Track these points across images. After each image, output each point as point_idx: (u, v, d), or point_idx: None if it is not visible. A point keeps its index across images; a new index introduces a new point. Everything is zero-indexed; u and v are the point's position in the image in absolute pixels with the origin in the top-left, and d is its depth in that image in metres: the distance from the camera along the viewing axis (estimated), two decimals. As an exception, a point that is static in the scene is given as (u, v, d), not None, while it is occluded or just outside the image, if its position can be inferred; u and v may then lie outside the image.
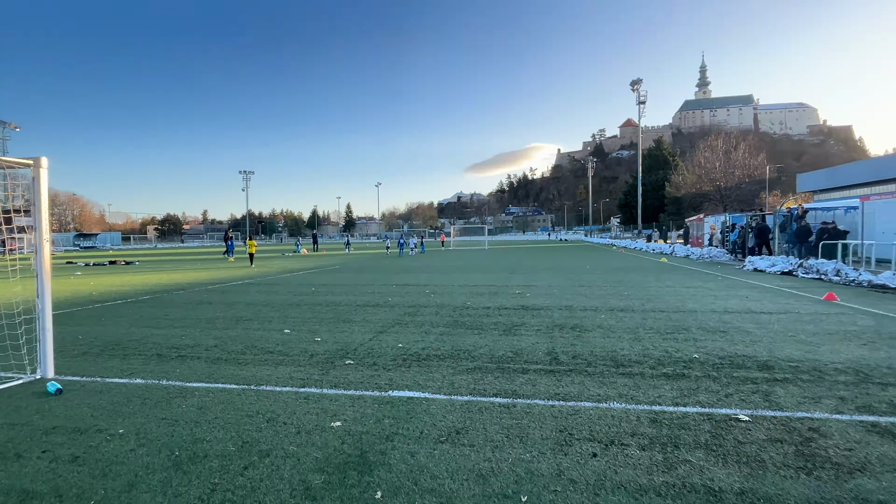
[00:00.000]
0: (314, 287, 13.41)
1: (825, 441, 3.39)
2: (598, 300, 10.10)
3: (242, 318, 8.49)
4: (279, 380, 4.82)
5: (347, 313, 8.82)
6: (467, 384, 4.60)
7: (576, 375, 4.83)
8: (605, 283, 13.57)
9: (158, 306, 10.10)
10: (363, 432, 3.57)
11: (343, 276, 16.96)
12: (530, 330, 7.06)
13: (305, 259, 30.86)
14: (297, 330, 7.32)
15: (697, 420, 3.72)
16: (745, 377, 4.73)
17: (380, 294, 11.59)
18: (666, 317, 8.04)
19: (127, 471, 3.10)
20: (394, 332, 7.07)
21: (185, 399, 4.31)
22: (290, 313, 8.92)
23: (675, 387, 4.46)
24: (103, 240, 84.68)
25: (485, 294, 11.34)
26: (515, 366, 5.19)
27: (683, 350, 5.78)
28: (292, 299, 10.89)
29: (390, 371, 5.06)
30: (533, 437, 3.48)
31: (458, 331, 7.07)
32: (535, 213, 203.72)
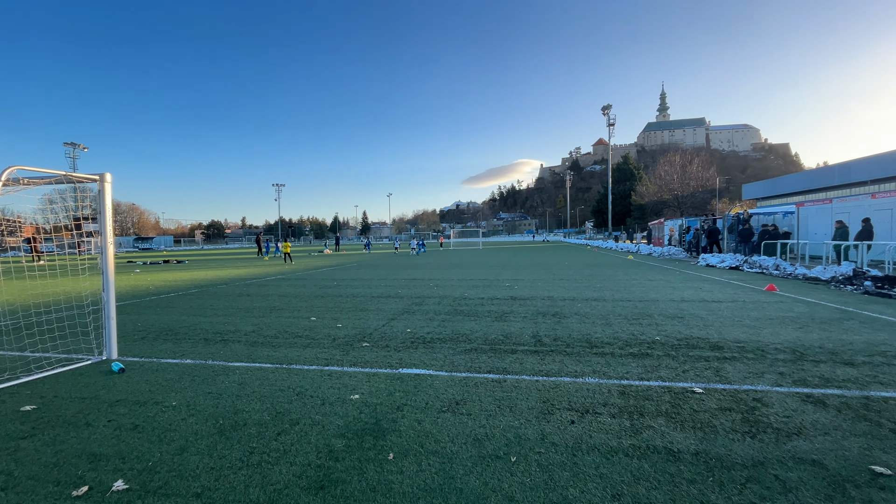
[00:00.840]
0: (336, 281, 13.40)
1: (767, 410, 3.39)
2: (575, 291, 10.09)
3: (275, 307, 8.49)
4: (307, 360, 4.82)
5: (364, 303, 8.82)
6: (465, 363, 4.60)
7: (556, 355, 4.83)
8: (580, 276, 13.56)
9: (204, 298, 10.11)
10: (377, 403, 3.58)
11: (360, 272, 16.95)
12: (518, 317, 7.06)
13: (329, 258, 30.86)
14: (321, 318, 7.32)
15: (659, 392, 3.72)
16: (699, 356, 4.73)
17: (391, 287, 11.59)
18: (632, 305, 8.03)
19: (179, 437, 3.11)
20: (403, 319, 7.07)
21: (227, 376, 4.32)
22: (316, 304, 8.92)
23: (640, 364, 4.45)
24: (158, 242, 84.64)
25: (479, 286, 11.33)
26: (505, 347, 5.19)
27: (647, 333, 5.77)
28: (317, 292, 10.89)
29: (400, 352, 5.06)
30: (520, 407, 3.48)
31: (457, 318, 7.07)
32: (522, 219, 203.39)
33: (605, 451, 2.82)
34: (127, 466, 2.77)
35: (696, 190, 56.99)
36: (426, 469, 2.67)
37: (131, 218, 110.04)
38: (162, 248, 76.27)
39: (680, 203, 56.72)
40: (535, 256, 27.70)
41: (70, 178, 4.76)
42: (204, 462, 2.79)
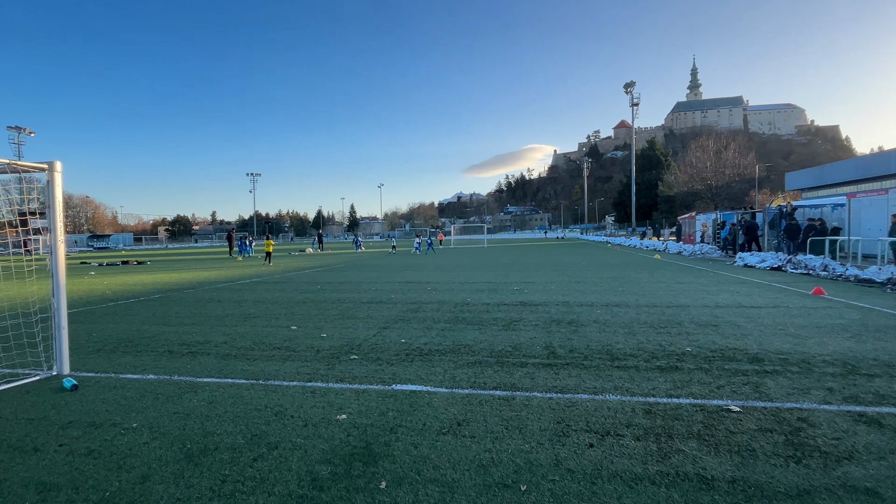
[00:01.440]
0: (319, 285, 13.41)
1: (814, 431, 3.39)
2: (594, 296, 10.09)
3: (250, 315, 8.49)
4: (286, 374, 4.83)
5: (352, 310, 8.82)
6: (468, 378, 4.60)
7: (572, 369, 4.83)
8: (600, 279, 13.57)
9: (169, 304, 10.11)
10: (368, 425, 3.58)
11: (347, 275, 16.96)
12: (528, 325, 7.06)
13: (311, 258, 30.87)
14: (303, 326, 7.32)
15: (690, 411, 3.72)
16: (735, 369, 4.73)
17: (383, 291, 11.60)
18: (659, 311, 8.03)
19: (141, 463, 3.11)
20: (397, 327, 7.08)
21: (195, 394, 4.32)
22: (297, 310, 8.93)
23: (668, 379, 4.46)
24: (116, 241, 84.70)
25: (484, 290, 11.34)
26: (514, 360, 5.19)
27: (676, 343, 5.78)
28: (298, 297, 10.89)
29: (394, 365, 5.06)
30: (531, 428, 3.48)
31: (459, 326, 7.08)
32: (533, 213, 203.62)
33: (628, 479, 2.82)
34: (81, 497, 2.77)
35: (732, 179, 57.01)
36: (423, 500, 2.67)
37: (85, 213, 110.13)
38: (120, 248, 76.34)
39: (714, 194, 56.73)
40: (547, 256, 27.70)
41: (14, 166, 4.75)
42: (169, 492, 2.79)
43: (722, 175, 56.47)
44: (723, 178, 56.50)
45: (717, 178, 56.52)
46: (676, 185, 62.25)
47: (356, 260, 27.05)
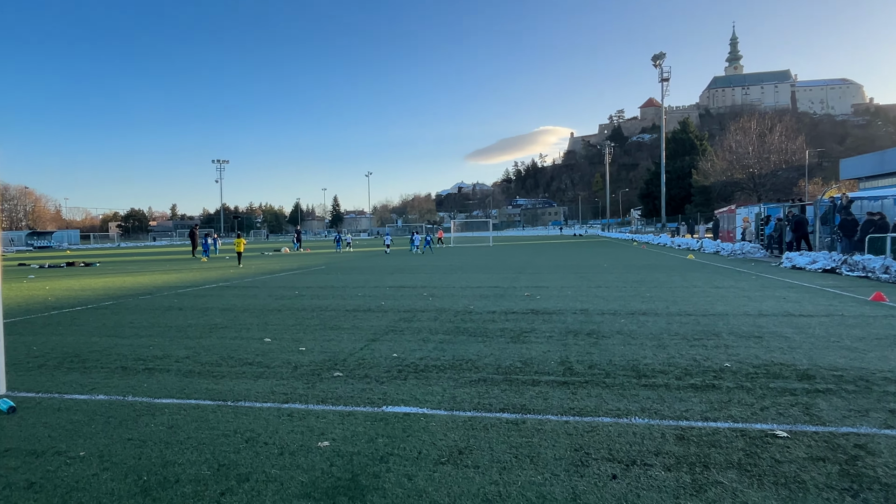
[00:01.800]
0: (297, 290, 13.42)
1: (873, 459, 3.39)
2: (617, 303, 10.10)
3: (217, 325, 8.49)
4: (259, 394, 4.83)
5: (335, 319, 8.82)
6: (471, 398, 4.60)
7: (592, 387, 4.84)
8: (624, 283, 13.58)
9: (123, 313, 10.10)
10: (354, 453, 3.58)
11: (330, 278, 16.96)
12: (541, 337, 7.07)
13: (288, 259, 30.87)
14: (278, 338, 7.33)
15: (729, 436, 3.73)
16: (782, 388, 4.74)
17: (371, 297, 11.60)
18: (693, 321, 8.05)
19: (89, 498, 3.11)
20: (388, 340, 7.08)
21: (153, 417, 4.32)
22: (271, 320, 8.93)
23: (703, 399, 4.46)
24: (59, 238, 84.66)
25: (489, 297, 11.35)
26: (525, 377, 5.20)
27: (713, 358, 5.79)
28: (273, 304, 10.90)
29: (384, 384, 5.07)
30: (545, 457, 3.48)
31: (460, 338, 7.08)
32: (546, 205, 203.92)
33: (657, 516, 2.82)
34: (20, 538, 2.77)
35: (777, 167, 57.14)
36: (419, 540, 2.67)
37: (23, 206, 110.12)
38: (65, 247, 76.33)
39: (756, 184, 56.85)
40: (563, 256, 27.74)
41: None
42: (122, 532, 2.79)
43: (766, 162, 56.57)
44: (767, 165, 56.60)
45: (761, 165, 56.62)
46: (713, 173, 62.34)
47: (340, 261, 27.06)
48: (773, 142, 56.66)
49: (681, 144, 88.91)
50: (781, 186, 57.76)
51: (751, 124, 59.55)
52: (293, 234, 51.61)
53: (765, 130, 58.18)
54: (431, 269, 19.86)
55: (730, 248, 25.93)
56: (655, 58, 57.83)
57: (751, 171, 57.10)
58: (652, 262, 22.09)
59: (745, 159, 57.29)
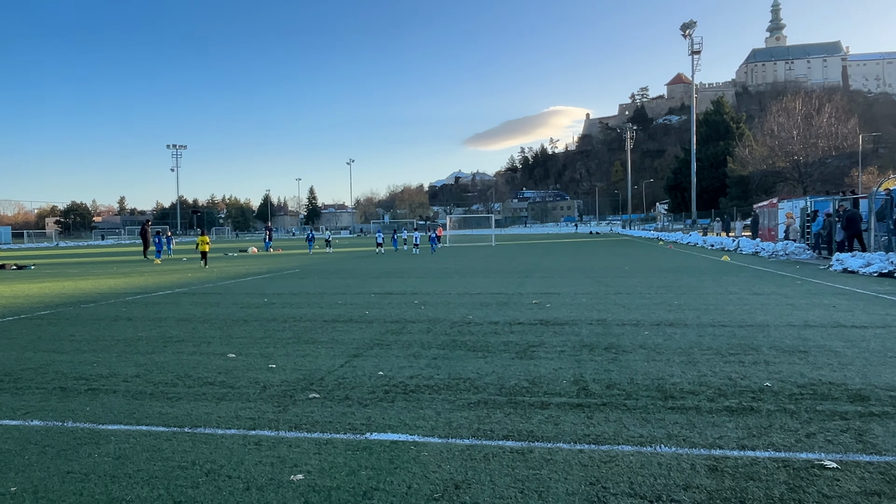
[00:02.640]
0: (267, 297, 13.39)
1: (936, 494, 3.41)
2: (641, 312, 10.12)
3: (173, 338, 8.47)
4: (221, 419, 4.81)
5: (311, 331, 8.81)
6: (469, 423, 4.60)
7: (611, 411, 4.84)
8: (648, 289, 13.61)
9: (62, 324, 10.05)
10: (332, 488, 3.57)
11: (305, 283, 16.93)
12: (551, 351, 7.08)
13: (255, 260, 30.81)
14: (244, 354, 7.31)
15: (770, 468, 3.74)
16: (831, 411, 4.75)
17: (354, 306, 11.59)
18: (728, 333, 8.07)
19: (21, 542, 3.09)
20: (372, 355, 7.07)
21: (97, 446, 4.29)
22: (236, 332, 8.91)
23: (740, 424, 4.48)
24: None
25: (491, 305, 11.35)
26: (532, 398, 5.20)
27: (751, 376, 5.80)
28: (238, 313, 10.87)
29: (368, 407, 5.06)
30: (556, 492, 3.48)
31: (457, 353, 7.08)
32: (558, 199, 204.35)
33: (686, 560, 2.83)
34: (-61, 589, 2.75)
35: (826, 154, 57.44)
36: (409, 590, 2.67)
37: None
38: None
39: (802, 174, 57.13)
40: (577, 257, 27.78)
41: None
42: (60, 581, 2.77)
43: (813, 148, 56.81)
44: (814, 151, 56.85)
45: (807, 151, 56.86)
46: (752, 161, 62.61)
47: (316, 263, 27.01)
48: (821, 124, 56.90)
49: (714, 128, 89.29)
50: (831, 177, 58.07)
51: (795, 104, 59.81)
52: (263, 232, 51.48)
53: (811, 111, 58.41)
54: (423, 273, 19.85)
55: (771, 248, 26.04)
56: (685, 27, 58.06)
57: (795, 158, 57.31)
58: (680, 264, 22.12)
59: (789, 145, 57.49)
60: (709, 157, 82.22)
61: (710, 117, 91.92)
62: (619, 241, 51.61)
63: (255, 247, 44.54)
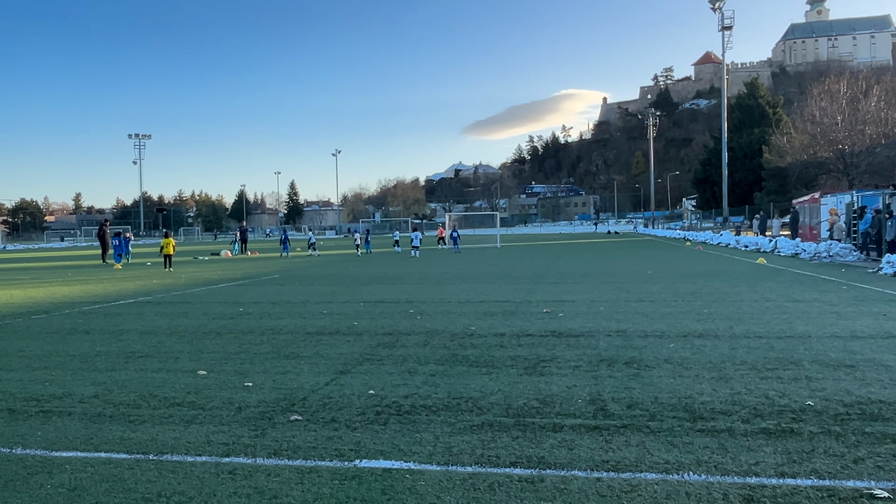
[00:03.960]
0: (242, 307, 13.38)
1: None
2: (665, 322, 10.12)
3: (136, 353, 8.46)
4: (191, 445, 4.80)
5: (292, 345, 8.80)
6: (472, 449, 4.59)
7: (633, 433, 4.83)
8: (675, 296, 13.61)
9: (10, 338, 10.04)
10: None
11: (285, 291, 16.91)
12: (565, 367, 7.08)
13: (229, 265, 30.79)
14: (217, 371, 7.30)
15: (813, 497, 3.73)
16: (882, 433, 4.75)
17: (341, 316, 11.58)
18: (765, 345, 8.07)
19: (-37, 584, 3.08)
20: (362, 372, 7.07)
21: (50, 476, 4.28)
22: (207, 346, 8.90)
23: (779, 449, 4.47)
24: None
25: (497, 314, 11.35)
26: (543, 420, 5.20)
27: (791, 394, 5.80)
28: (210, 325, 10.86)
29: (357, 431, 5.05)
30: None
31: (458, 369, 7.08)
32: (571, 194, 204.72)
33: None
34: None
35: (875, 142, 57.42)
36: None
37: None
38: (-68, 250, 75.69)
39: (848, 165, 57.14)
40: (594, 260, 27.78)
41: None
42: None
43: (860, 136, 56.82)
44: (861, 139, 56.85)
45: (853, 139, 56.88)
46: (790, 150, 62.68)
47: (298, 268, 26.99)
48: (869, 109, 56.92)
49: (748, 113, 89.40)
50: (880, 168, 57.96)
51: (839, 86, 59.86)
52: (236, 233, 51.40)
53: (858, 94, 58.45)
54: (420, 279, 19.84)
55: (813, 248, 26.05)
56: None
57: (840, 147, 57.31)
58: (711, 267, 22.12)
59: (833, 132, 57.46)
60: (742, 146, 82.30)
61: (743, 101, 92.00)
62: (641, 242, 51.64)
63: (227, 250, 44.54)
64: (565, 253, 36.00)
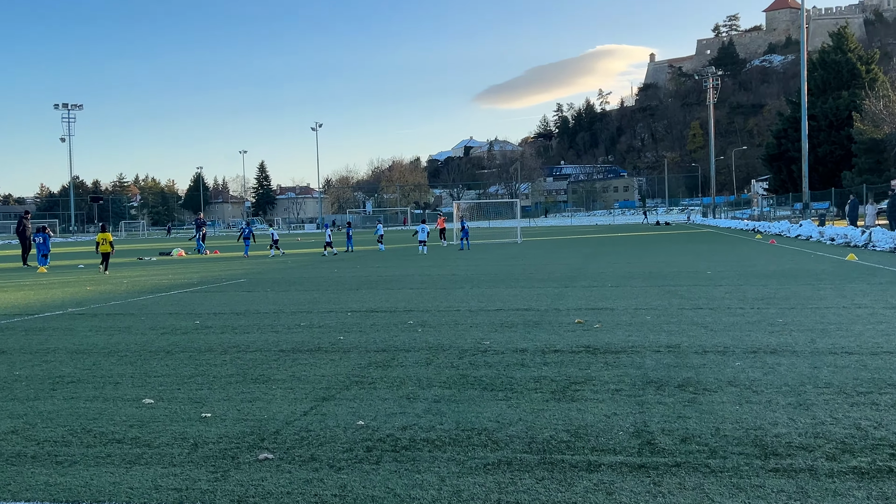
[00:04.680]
0: (199, 319, 13.41)
1: None
2: (730, 334, 10.09)
3: (65, 378, 8.48)
4: (134, 492, 4.81)
5: (262, 366, 8.82)
6: (486, 493, 4.60)
7: (688, 474, 4.82)
8: (741, 302, 13.56)
9: None
10: (292, 586, 3.57)
11: (254, 298, 16.93)
12: (602, 390, 7.07)
13: (183, 267, 30.84)
14: (167, 398, 7.31)
15: (917, 553, 3.72)
16: None
17: (323, 329, 11.60)
18: (856, 363, 8.04)
19: None
20: (349, 398, 7.07)
21: (-42, 530, 4.30)
22: (155, 368, 8.92)
23: (874, 492, 4.45)
24: None
25: (517, 325, 11.35)
26: (575, 457, 5.19)
27: (890, 424, 5.77)
28: (159, 342, 10.89)
29: (342, 472, 5.06)
30: (609, 589, 3.47)
31: (469, 393, 7.07)
32: (610, 176, 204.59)
33: None
34: None
35: None
36: None
37: None
38: None
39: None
40: (638, 258, 27.70)
41: None
42: None
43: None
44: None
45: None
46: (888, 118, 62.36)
47: (269, 269, 27.02)
48: None
49: (834, 71, 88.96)
50: None
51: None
52: (194, 226, 51.47)
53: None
54: (421, 282, 19.82)
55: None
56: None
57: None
58: (786, 266, 22.03)
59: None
60: (826, 113, 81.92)
61: (829, 57, 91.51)
62: (699, 235, 51.52)
63: (181, 249, 44.63)
64: (603, 249, 35.95)
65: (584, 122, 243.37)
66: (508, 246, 42.56)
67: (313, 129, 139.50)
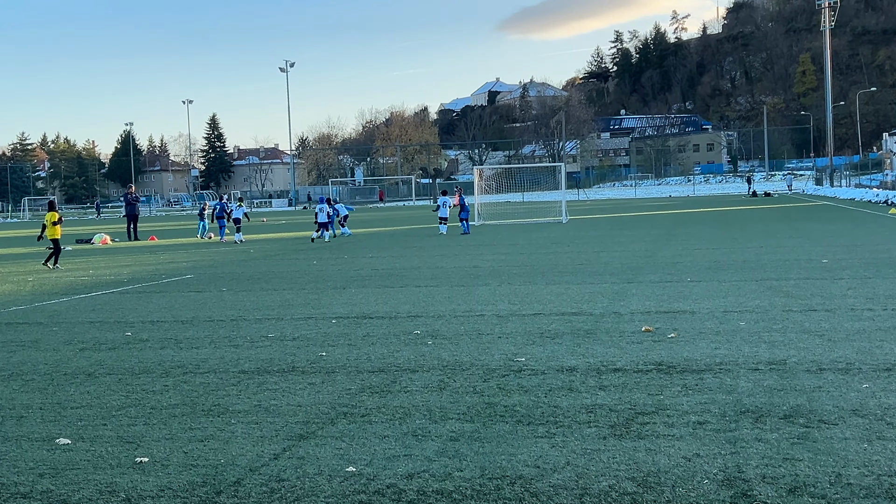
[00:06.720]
0: (132, 329, 13.46)
1: None
2: (854, 345, 10.06)
3: (-47, 409, 8.53)
4: (47, 563, 4.84)
5: (216, 392, 8.86)
6: (522, 564, 4.60)
7: (800, 538, 4.82)
8: (869, 301, 13.51)
9: None
10: None
11: (205, 300, 16.98)
12: (680, 423, 7.06)
13: (109, 258, 30.96)
14: (88, 437, 7.34)
15: None
16: None
17: (300, 342, 11.63)
18: None
19: None
20: (335, 435, 7.09)
21: None
22: (72, 396, 8.97)
23: None
24: None
25: (562, 335, 11.35)
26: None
27: None
28: (77, 360, 10.94)
29: (327, 536, 5.08)
30: None
31: (498, 428, 7.08)
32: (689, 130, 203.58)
33: None
34: None
35: None
36: None
37: None
38: None
39: None
40: (727, 243, 27.61)
41: None
42: None
43: None
44: None
45: None
46: None
47: (225, 261, 27.11)
48: None
49: None
50: None
51: None
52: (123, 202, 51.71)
53: None
54: (431, 276, 19.83)
55: None
56: None
57: None
58: (931, 251, 21.93)
59: None
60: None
61: None
62: (810, 209, 51.33)
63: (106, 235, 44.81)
64: (679, 230, 35.85)
65: (653, 58, 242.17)
66: (550, 227, 42.52)
67: (282, 70, 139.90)
